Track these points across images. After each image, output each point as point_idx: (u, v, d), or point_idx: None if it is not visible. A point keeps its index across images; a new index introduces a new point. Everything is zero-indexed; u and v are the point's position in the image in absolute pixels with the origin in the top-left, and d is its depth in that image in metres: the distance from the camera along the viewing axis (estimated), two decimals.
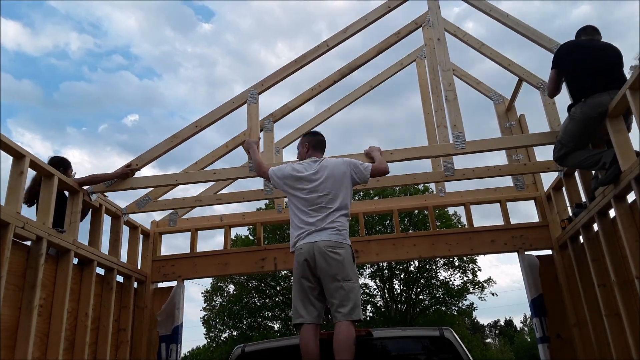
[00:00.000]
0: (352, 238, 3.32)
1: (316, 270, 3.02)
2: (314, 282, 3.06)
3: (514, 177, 5.20)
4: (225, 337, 24.53)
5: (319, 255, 3.00)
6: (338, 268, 2.98)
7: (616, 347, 3.49)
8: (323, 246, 3.01)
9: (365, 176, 3.37)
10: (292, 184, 3.32)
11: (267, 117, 5.27)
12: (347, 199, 3.27)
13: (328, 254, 2.99)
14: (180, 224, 5.53)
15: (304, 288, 3.06)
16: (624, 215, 3.21)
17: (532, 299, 4.62)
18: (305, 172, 3.32)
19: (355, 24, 4.79)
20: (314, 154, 3.51)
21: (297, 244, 3.14)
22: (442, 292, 23.92)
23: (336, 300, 2.95)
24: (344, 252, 3.04)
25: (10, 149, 3.18)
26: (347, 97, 6.09)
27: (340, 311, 2.91)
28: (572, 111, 3.45)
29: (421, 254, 5.10)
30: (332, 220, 3.12)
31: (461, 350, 3.21)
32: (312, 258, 3.02)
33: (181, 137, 4.53)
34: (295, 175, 3.33)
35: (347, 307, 2.91)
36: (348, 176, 3.31)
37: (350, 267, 3.05)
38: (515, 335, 49.28)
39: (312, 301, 3.04)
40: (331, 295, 2.98)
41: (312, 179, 3.26)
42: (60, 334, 3.46)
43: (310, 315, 3.00)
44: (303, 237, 3.11)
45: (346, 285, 2.96)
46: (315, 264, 3.01)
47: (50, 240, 3.41)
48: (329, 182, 3.23)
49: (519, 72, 4.87)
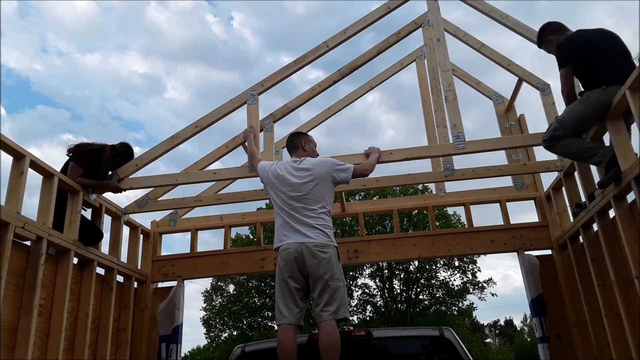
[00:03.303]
0: (352, 238, 3.35)
1: (304, 270, 3.04)
2: (300, 283, 3.08)
3: (513, 177, 5.20)
4: (225, 337, 24.55)
5: (308, 255, 3.02)
6: (326, 267, 3.01)
7: (616, 347, 3.48)
8: (312, 246, 3.04)
9: (347, 177, 3.39)
10: (275, 183, 3.36)
11: (267, 117, 5.26)
12: (328, 199, 3.29)
13: (317, 253, 3.02)
14: (180, 224, 5.54)
15: (290, 288, 3.08)
16: (623, 215, 3.21)
17: (532, 299, 4.62)
18: (286, 172, 3.36)
19: (355, 24, 4.80)
20: (292, 155, 3.60)
21: (283, 244, 3.15)
22: (442, 292, 23.94)
23: (323, 300, 2.98)
24: (331, 251, 3.08)
25: (10, 149, 3.19)
26: (348, 97, 6.10)
27: (327, 310, 2.95)
28: (587, 94, 3.30)
29: (421, 254, 5.10)
30: (315, 220, 3.14)
31: (461, 350, 3.21)
32: (300, 257, 3.03)
33: (181, 137, 4.53)
34: (278, 174, 3.37)
35: (334, 305, 2.96)
36: (330, 176, 3.33)
37: (337, 266, 3.08)
38: (515, 335, 49.27)
39: (296, 301, 3.06)
40: (318, 294, 3.01)
41: (293, 179, 3.29)
42: (60, 334, 3.46)
43: (293, 316, 3.02)
44: (289, 237, 3.13)
45: (333, 285, 3.00)
46: (305, 263, 3.02)
47: (50, 240, 3.41)
48: (310, 183, 3.26)
49: (518, 72, 4.87)
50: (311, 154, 3.59)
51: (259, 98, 4.62)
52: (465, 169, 4.82)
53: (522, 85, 5.03)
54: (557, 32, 3.65)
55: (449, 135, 4.22)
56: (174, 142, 4.51)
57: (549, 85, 4.55)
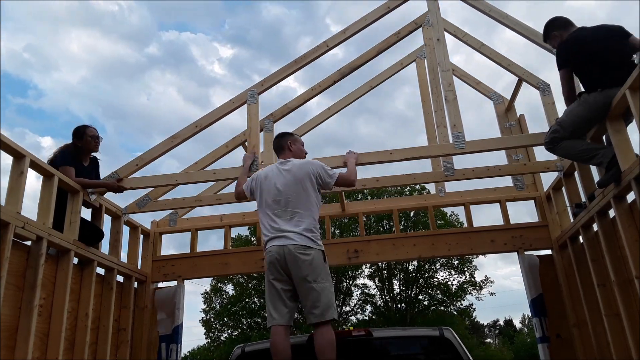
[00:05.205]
0: (352, 238, 3.34)
1: (288, 272, 3.05)
2: (286, 284, 3.09)
3: (513, 177, 5.21)
4: (225, 337, 24.55)
5: (289, 257, 3.02)
6: (308, 269, 3.00)
7: (616, 347, 3.48)
8: (293, 248, 3.03)
9: (329, 183, 3.36)
10: (262, 186, 3.36)
11: (267, 117, 5.27)
12: (310, 201, 3.24)
13: (298, 256, 3.02)
14: (180, 224, 5.54)
15: (277, 289, 3.09)
16: (623, 215, 3.21)
17: (532, 299, 4.62)
18: (272, 175, 3.36)
19: (355, 24, 4.80)
20: (279, 156, 3.58)
21: (267, 246, 3.16)
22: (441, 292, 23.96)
23: (309, 302, 2.99)
24: (313, 253, 3.06)
25: (11, 149, 3.18)
26: (348, 97, 6.10)
27: (314, 312, 2.96)
28: (584, 97, 3.32)
29: (421, 254, 5.10)
30: (297, 222, 3.13)
31: (461, 350, 3.21)
32: (282, 259, 3.04)
33: (181, 137, 4.53)
34: (265, 178, 3.37)
35: (320, 308, 2.95)
36: (312, 179, 3.29)
37: (321, 267, 3.07)
38: (515, 335, 49.26)
39: (284, 302, 3.07)
40: (304, 296, 3.02)
41: (278, 182, 3.28)
42: (60, 334, 3.46)
43: (282, 317, 3.03)
44: (273, 240, 3.13)
45: (317, 286, 2.99)
46: (287, 265, 3.03)
47: (50, 240, 3.41)
48: (292, 185, 3.24)
49: (518, 72, 4.87)
50: (298, 154, 3.57)
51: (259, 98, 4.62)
52: (465, 169, 4.82)
53: (522, 85, 5.04)
54: (562, 28, 3.65)
55: (449, 135, 4.22)
56: (174, 142, 4.51)
57: (549, 85, 4.56)
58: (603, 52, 3.28)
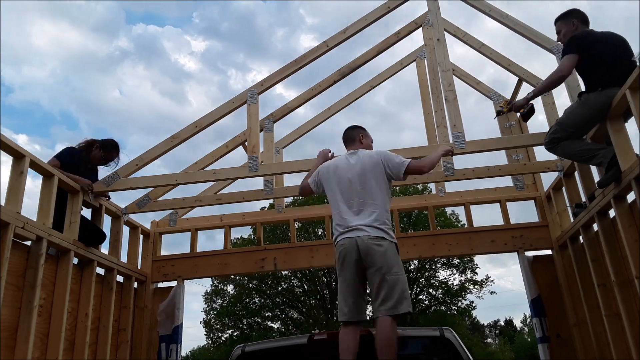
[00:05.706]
0: None
1: (360, 264, 2.97)
2: (357, 277, 3.00)
3: (513, 177, 5.20)
4: (225, 337, 24.54)
5: (363, 249, 2.94)
6: (382, 260, 2.91)
7: (616, 347, 3.48)
8: (366, 239, 2.95)
9: (400, 171, 3.20)
10: (330, 179, 3.27)
11: (267, 117, 5.27)
12: (382, 192, 3.14)
13: (371, 246, 2.93)
14: (180, 224, 5.53)
15: (348, 283, 3.00)
16: (623, 215, 3.21)
17: (532, 299, 4.62)
18: (341, 166, 3.27)
19: (355, 24, 4.79)
20: (348, 148, 3.47)
21: (338, 240, 3.08)
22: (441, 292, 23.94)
23: (381, 294, 2.87)
24: (386, 244, 2.97)
25: (10, 149, 3.18)
26: (348, 97, 6.09)
27: (386, 304, 2.84)
28: (585, 97, 3.34)
29: (421, 254, 5.10)
30: (368, 214, 3.04)
31: (461, 350, 3.20)
32: (356, 252, 2.96)
33: (181, 137, 4.53)
34: (330, 171, 3.29)
35: (392, 300, 2.84)
36: (382, 168, 3.19)
37: (395, 259, 2.97)
38: (515, 335, 49.26)
39: (354, 297, 2.98)
40: (376, 289, 2.91)
41: (346, 173, 3.20)
42: (60, 334, 3.46)
43: (351, 312, 2.95)
44: (344, 232, 3.05)
45: (390, 278, 2.88)
46: (360, 257, 2.95)
47: (50, 240, 3.41)
48: (363, 176, 3.16)
49: (518, 72, 4.87)
50: (367, 149, 3.47)
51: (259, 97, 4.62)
52: (465, 169, 4.82)
53: (522, 85, 5.04)
54: (582, 22, 3.63)
55: (449, 135, 4.22)
56: (173, 142, 4.51)
57: None
58: (611, 54, 3.31)
